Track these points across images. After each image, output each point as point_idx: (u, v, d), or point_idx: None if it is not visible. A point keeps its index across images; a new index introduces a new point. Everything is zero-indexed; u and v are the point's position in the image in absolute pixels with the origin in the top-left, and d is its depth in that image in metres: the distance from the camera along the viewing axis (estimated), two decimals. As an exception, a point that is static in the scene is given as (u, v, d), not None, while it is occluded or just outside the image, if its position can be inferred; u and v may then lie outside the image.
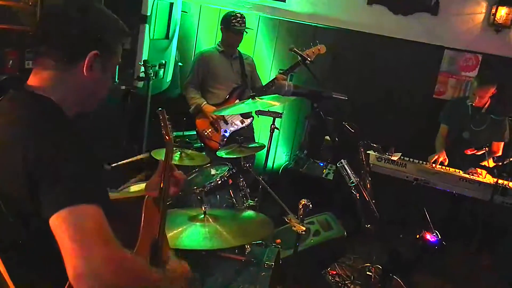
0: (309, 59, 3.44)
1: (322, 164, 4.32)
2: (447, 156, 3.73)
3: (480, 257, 3.56)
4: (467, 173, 3.56)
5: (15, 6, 2.79)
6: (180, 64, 4.51)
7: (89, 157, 1.10)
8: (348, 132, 2.99)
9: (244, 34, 3.81)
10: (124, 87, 3.52)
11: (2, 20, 2.74)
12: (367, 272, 3.33)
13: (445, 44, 4.32)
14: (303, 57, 3.41)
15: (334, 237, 3.06)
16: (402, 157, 3.66)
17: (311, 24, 4.49)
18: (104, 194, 1.14)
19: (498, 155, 3.74)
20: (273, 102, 2.74)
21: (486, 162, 3.54)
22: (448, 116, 3.94)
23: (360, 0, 4.39)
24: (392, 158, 3.64)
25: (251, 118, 3.94)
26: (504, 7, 4.04)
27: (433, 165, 3.64)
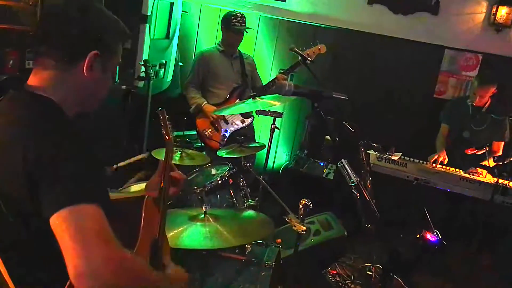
0: (310, 59, 3.43)
1: (323, 164, 4.32)
2: (448, 156, 3.73)
3: (481, 257, 3.56)
4: (468, 173, 3.56)
5: (16, 6, 2.79)
6: (181, 64, 4.51)
7: (89, 157, 1.10)
8: (349, 132, 2.99)
9: (245, 34, 3.81)
10: (125, 87, 3.52)
11: (3, 20, 2.74)
12: (368, 272, 3.34)
13: (446, 44, 4.31)
14: (304, 57, 3.40)
15: (335, 237, 3.07)
16: (403, 157, 3.66)
17: (312, 24, 4.49)
18: (105, 194, 1.14)
19: (499, 155, 3.73)
20: (274, 102, 2.74)
21: (487, 162, 3.53)
22: (449, 116, 3.94)
23: (360, 0, 4.39)
24: (393, 158, 3.63)
25: (252, 118, 3.94)
26: (505, 7, 4.04)
27: (434, 165, 3.64)
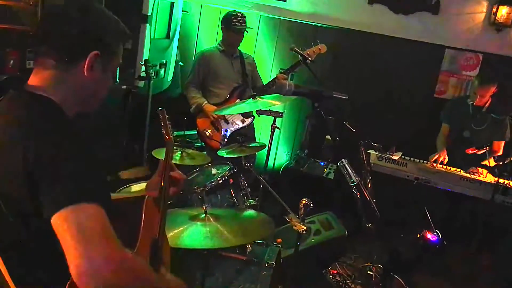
0: (310, 59, 3.43)
1: (323, 164, 4.32)
2: (448, 156, 3.73)
3: (481, 257, 3.56)
4: (468, 173, 3.56)
5: (16, 6, 2.79)
6: (181, 64, 4.51)
7: (89, 157, 1.10)
8: (349, 132, 2.99)
9: (245, 34, 3.81)
10: (125, 87, 3.53)
11: (3, 20, 2.74)
12: (368, 272, 3.34)
13: (446, 43, 4.31)
14: (304, 57, 3.40)
15: (335, 237, 3.07)
16: (403, 157, 3.66)
17: (312, 24, 4.49)
18: (105, 194, 1.14)
19: (499, 155, 3.73)
20: (274, 102, 2.74)
21: (487, 162, 3.53)
22: (449, 116, 3.94)
23: (361, 0, 4.39)
24: (393, 158, 3.63)
25: (252, 118, 3.94)
26: (505, 6, 4.04)
27: (434, 165, 3.64)
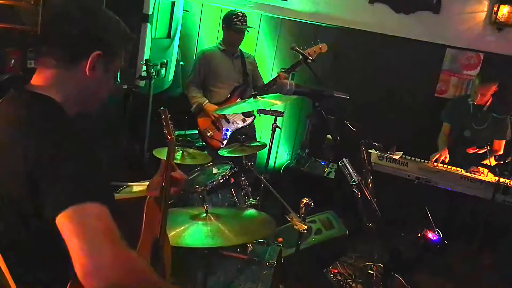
0: (311, 58, 3.42)
1: (324, 163, 4.33)
2: (449, 155, 3.73)
3: (482, 256, 3.56)
4: (469, 172, 3.55)
5: (17, 5, 2.79)
6: (182, 63, 4.51)
7: (90, 157, 1.10)
8: (350, 131, 2.99)
9: (246, 33, 3.81)
10: (126, 86, 3.52)
11: (4, 20, 2.73)
12: (369, 271, 3.34)
13: (447, 43, 4.31)
14: (305, 56, 3.40)
15: (336, 236, 3.07)
16: (404, 156, 3.66)
17: (313, 23, 4.49)
18: (109, 193, 1.14)
19: (500, 154, 3.73)
20: (275, 101, 2.74)
21: (488, 161, 3.53)
22: (450, 115, 3.94)
23: (362, -1, 4.39)
24: (394, 157, 3.63)
25: (253, 117, 3.94)
26: (506, 6, 4.03)
27: (435, 164, 3.64)
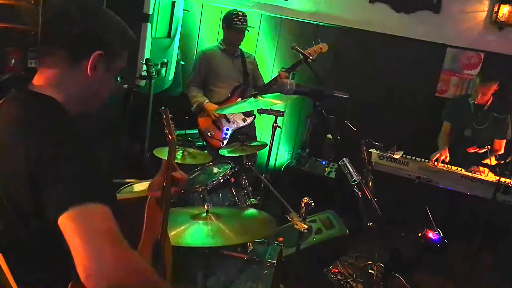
0: (311, 58, 3.43)
1: (324, 163, 4.33)
2: (449, 154, 3.72)
3: (482, 256, 3.56)
4: (469, 171, 3.55)
5: (18, 5, 2.79)
6: (182, 63, 4.51)
7: (91, 157, 1.10)
8: (350, 131, 2.98)
9: (246, 33, 3.81)
10: (126, 86, 3.52)
11: (5, 19, 2.74)
12: (369, 270, 3.34)
13: (448, 42, 4.30)
14: (305, 56, 3.40)
15: (336, 236, 3.06)
16: (404, 155, 3.65)
17: (313, 23, 4.49)
18: (110, 194, 1.14)
19: (500, 153, 3.73)
20: (275, 101, 2.74)
21: (488, 160, 3.53)
22: (450, 115, 3.94)
23: (362, -2, 4.38)
24: (394, 157, 3.63)
25: (253, 117, 3.94)
26: (507, 5, 4.02)
27: (435, 163, 3.64)
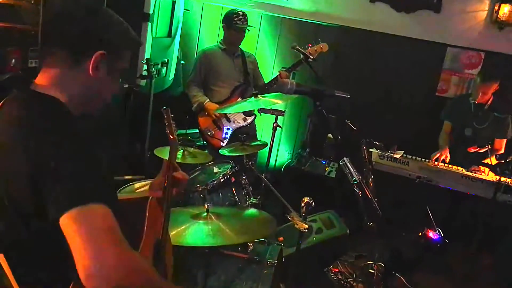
0: (312, 57, 3.43)
1: (325, 162, 4.33)
2: (450, 154, 3.72)
3: (482, 256, 3.56)
4: (470, 171, 3.55)
5: (18, 5, 2.79)
6: (183, 62, 4.51)
7: (92, 157, 1.10)
8: (351, 130, 2.98)
9: (246, 32, 3.81)
10: (127, 86, 3.52)
11: (5, 19, 2.73)
12: (370, 270, 3.34)
13: (448, 42, 4.30)
14: (306, 55, 3.40)
15: (337, 235, 3.06)
16: (405, 155, 3.65)
17: (314, 22, 4.49)
18: (111, 194, 1.13)
19: (501, 153, 3.72)
20: (276, 100, 2.74)
21: (489, 160, 3.53)
22: (450, 114, 3.93)
23: (363, -2, 4.38)
24: (395, 156, 3.63)
25: (254, 116, 3.94)
26: (507, 5, 4.02)
27: (436, 163, 3.64)
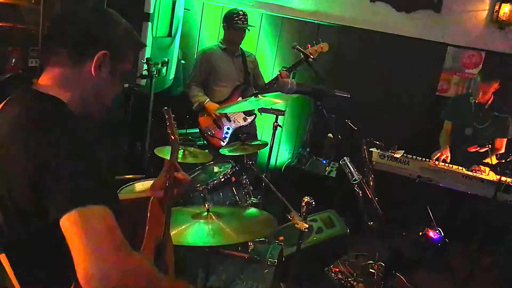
0: (312, 57, 3.43)
1: (325, 162, 4.33)
2: (450, 154, 3.72)
3: (482, 255, 3.56)
4: (470, 171, 3.55)
5: (18, 5, 2.79)
6: (183, 62, 4.51)
7: (94, 157, 1.10)
8: (351, 130, 2.98)
9: (247, 32, 3.81)
10: (127, 85, 3.52)
11: (6, 19, 2.74)
12: (370, 270, 3.34)
13: (448, 41, 4.30)
14: (306, 55, 3.40)
15: (337, 235, 3.06)
16: (405, 155, 3.65)
17: (314, 22, 4.49)
18: (112, 195, 1.13)
19: (501, 152, 3.71)
20: (276, 100, 2.74)
21: (489, 159, 3.53)
22: (451, 114, 3.93)
23: (363, -2, 4.38)
24: (395, 156, 3.63)
25: (254, 116, 3.94)
26: (508, 4, 4.03)
27: (436, 163, 3.64)
